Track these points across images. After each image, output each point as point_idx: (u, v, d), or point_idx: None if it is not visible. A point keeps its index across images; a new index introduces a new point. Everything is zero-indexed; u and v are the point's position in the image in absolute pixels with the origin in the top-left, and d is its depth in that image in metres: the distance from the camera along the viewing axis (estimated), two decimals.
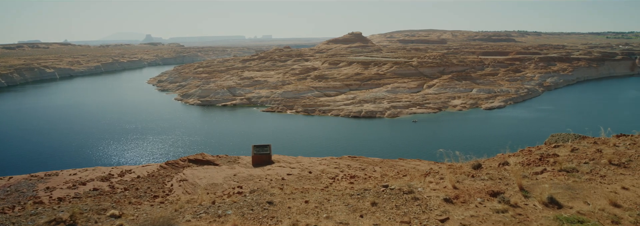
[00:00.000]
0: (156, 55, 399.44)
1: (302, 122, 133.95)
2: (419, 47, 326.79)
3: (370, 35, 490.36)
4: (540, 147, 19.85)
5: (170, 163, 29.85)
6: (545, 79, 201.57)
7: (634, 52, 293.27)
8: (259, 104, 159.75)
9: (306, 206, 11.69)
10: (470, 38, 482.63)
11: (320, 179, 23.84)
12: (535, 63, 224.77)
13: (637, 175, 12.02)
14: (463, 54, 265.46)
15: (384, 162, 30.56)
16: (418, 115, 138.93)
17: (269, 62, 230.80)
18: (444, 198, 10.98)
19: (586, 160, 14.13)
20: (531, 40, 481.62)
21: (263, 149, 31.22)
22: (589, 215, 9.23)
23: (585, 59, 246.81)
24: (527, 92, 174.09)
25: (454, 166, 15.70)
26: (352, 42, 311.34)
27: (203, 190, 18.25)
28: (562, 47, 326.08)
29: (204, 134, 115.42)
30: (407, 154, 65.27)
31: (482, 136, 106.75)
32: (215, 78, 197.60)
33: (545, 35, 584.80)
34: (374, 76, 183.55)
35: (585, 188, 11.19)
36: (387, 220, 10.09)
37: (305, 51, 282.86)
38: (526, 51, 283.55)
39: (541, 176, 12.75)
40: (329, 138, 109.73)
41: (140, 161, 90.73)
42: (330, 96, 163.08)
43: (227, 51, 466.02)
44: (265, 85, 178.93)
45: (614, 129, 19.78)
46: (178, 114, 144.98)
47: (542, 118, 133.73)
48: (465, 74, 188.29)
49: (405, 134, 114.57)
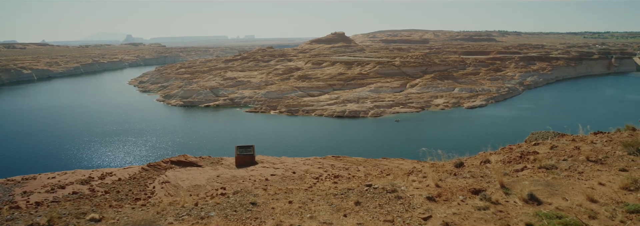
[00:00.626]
0: (137, 55, 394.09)
1: (285, 122, 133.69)
2: (402, 47, 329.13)
3: (353, 35, 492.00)
4: (520, 145, 20.19)
5: (152, 165, 29.46)
6: (526, 78, 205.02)
7: (610, 52, 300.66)
8: (242, 104, 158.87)
9: (290, 207, 11.65)
10: (452, 38, 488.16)
11: (304, 180, 23.80)
12: (515, 62, 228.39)
13: (613, 171, 12.29)
14: (445, 54, 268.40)
15: (367, 161, 30.66)
16: (401, 114, 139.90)
17: (252, 62, 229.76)
18: (427, 197, 11.05)
19: (565, 157, 14.39)
20: (511, 40, 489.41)
21: (246, 150, 31.04)
22: (567, 211, 9.40)
23: (563, 59, 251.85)
24: (508, 91, 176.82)
25: (437, 165, 15.84)
26: (335, 42, 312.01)
27: (186, 191, 18.06)
28: (542, 46, 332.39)
29: (187, 136, 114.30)
30: (390, 153, 65.62)
31: (464, 135, 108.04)
32: (198, 79, 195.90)
33: (525, 35, 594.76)
34: (357, 76, 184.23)
35: (564, 185, 11.40)
36: (370, 219, 10.11)
37: (289, 51, 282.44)
38: (507, 50, 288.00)
39: (522, 174, 12.94)
40: (313, 138, 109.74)
41: (121, 163, 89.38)
42: (314, 96, 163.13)
43: (210, 51, 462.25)
44: (248, 85, 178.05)
45: (591, 126, 20.21)
46: (160, 116, 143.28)
47: (522, 116, 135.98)
48: (448, 74, 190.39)
49: (388, 134, 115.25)
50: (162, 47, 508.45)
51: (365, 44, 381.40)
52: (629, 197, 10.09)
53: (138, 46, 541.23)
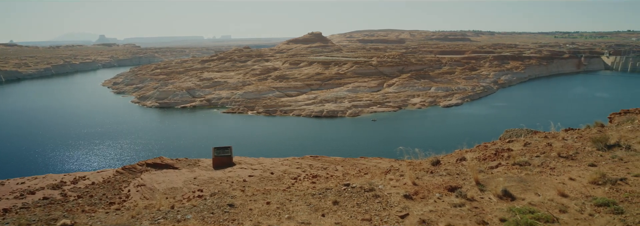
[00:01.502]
0: (111, 56, 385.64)
1: (263, 123, 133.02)
2: (378, 47, 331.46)
3: (330, 35, 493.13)
4: (495, 142, 20.56)
5: (127, 168, 28.86)
6: (500, 77, 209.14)
7: (580, 51, 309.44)
8: (219, 105, 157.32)
9: (268, 208, 11.59)
10: (427, 38, 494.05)
11: (282, 180, 23.71)
12: (489, 62, 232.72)
13: (583, 166, 12.63)
14: (421, 54, 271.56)
15: (345, 161, 30.76)
16: (379, 114, 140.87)
17: (228, 62, 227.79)
18: (404, 195, 11.15)
19: (538, 154, 14.71)
20: (485, 39, 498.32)
21: (224, 151, 30.77)
22: (539, 206, 9.63)
23: (536, 58, 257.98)
24: (483, 89, 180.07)
25: (414, 163, 15.99)
26: (312, 42, 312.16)
27: (162, 194, 17.75)
28: (515, 46, 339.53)
29: (163, 138, 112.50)
30: (368, 152, 65.98)
31: (440, 133, 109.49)
32: (174, 80, 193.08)
33: (499, 35, 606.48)
34: (335, 76, 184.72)
35: (537, 180, 11.65)
36: (348, 218, 10.14)
37: (266, 51, 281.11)
38: (481, 50, 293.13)
39: (496, 170, 13.18)
40: (291, 138, 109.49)
41: (95, 167, 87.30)
42: (292, 96, 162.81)
43: (186, 51, 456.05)
44: (225, 86, 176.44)
45: (562, 123, 20.75)
46: (135, 117, 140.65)
47: (497, 114, 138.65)
48: (424, 73, 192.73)
49: (366, 133, 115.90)
50: (137, 48, 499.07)
51: (342, 44, 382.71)
52: (597, 191, 10.39)
53: (111, 46, 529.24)
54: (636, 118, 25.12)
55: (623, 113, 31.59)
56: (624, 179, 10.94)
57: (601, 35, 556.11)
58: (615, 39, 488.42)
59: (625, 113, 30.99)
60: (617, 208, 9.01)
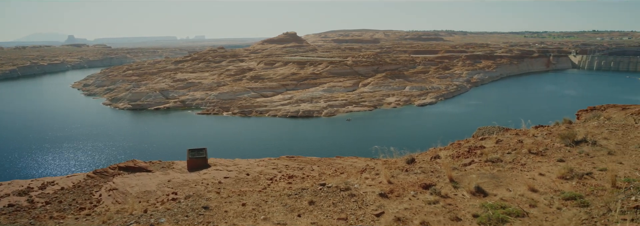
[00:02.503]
0: (80, 57, 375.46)
1: (239, 124, 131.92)
2: (353, 47, 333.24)
3: (304, 35, 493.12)
4: (468, 140, 20.91)
5: (98, 172, 28.12)
6: (472, 76, 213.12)
7: (549, 50, 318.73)
8: (193, 106, 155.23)
9: (243, 209, 11.49)
10: (401, 37, 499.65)
11: (258, 181, 23.55)
12: (462, 61, 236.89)
13: (552, 162, 12.98)
14: (395, 53, 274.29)
15: (321, 161, 30.78)
16: (354, 113, 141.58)
17: (203, 63, 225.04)
18: (380, 193, 11.21)
19: (509, 150, 15.02)
20: (458, 39, 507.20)
21: (199, 153, 30.36)
22: (510, 201, 9.84)
23: (507, 57, 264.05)
24: (456, 88, 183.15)
25: (389, 162, 16.11)
26: (287, 42, 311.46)
27: (134, 198, 17.37)
28: (487, 45, 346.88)
29: (136, 140, 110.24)
30: (344, 152, 66.19)
31: (415, 132, 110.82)
32: (147, 81, 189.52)
33: (471, 35, 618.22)
34: (310, 76, 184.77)
35: (508, 176, 11.91)
36: (324, 218, 10.14)
37: (240, 51, 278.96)
38: (454, 49, 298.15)
39: (469, 167, 13.38)
40: (267, 139, 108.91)
41: (65, 171, 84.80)
42: (267, 96, 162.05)
43: (159, 52, 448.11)
44: (199, 87, 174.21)
45: (533, 121, 21.27)
46: (107, 120, 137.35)
47: (470, 112, 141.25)
48: (398, 73, 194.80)
49: (342, 133, 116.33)
50: (108, 49, 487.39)
51: (317, 44, 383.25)
52: (565, 185, 10.70)
53: (81, 47, 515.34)
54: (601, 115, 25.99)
55: (589, 109, 32.64)
56: (590, 174, 11.31)
57: (568, 35, 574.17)
58: (582, 38, 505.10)
59: (592, 110, 32.03)
60: (583, 201, 9.30)
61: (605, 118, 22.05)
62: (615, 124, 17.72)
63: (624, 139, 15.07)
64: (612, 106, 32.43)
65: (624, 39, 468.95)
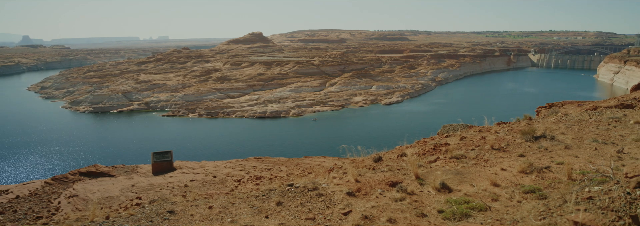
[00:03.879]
0: (37, 59, 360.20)
1: (205, 125, 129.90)
2: (320, 47, 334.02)
3: (271, 35, 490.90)
4: (433, 137, 21.26)
5: (57, 179, 26.99)
6: (437, 75, 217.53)
7: (509, 49, 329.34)
8: (158, 108, 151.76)
9: (210, 212, 11.28)
10: (367, 37, 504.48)
11: (226, 183, 23.21)
12: (427, 60, 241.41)
13: (513, 157, 13.37)
14: (362, 53, 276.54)
15: (289, 161, 30.65)
16: (322, 113, 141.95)
17: (167, 64, 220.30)
18: (347, 192, 11.23)
19: (473, 147, 15.35)
20: (422, 39, 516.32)
21: (164, 156, 29.65)
22: (473, 196, 10.07)
23: (470, 56, 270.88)
24: (422, 87, 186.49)
25: (357, 161, 16.19)
26: (253, 42, 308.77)
27: (96, 204, 16.77)
28: (450, 45, 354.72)
29: (98, 144, 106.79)
30: (312, 152, 66.31)
31: (382, 131, 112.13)
32: (109, 83, 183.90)
33: (435, 34, 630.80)
34: (277, 76, 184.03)
35: (472, 172, 12.17)
36: (292, 219, 10.08)
37: (206, 51, 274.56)
38: (419, 49, 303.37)
39: (435, 164, 13.60)
40: (234, 140, 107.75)
41: (21, 179, 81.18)
42: (234, 97, 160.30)
43: (121, 53, 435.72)
44: (164, 88, 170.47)
45: (495, 117, 21.87)
46: (67, 124, 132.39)
47: (435, 110, 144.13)
48: (365, 72, 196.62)
49: (310, 133, 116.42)
50: (66, 50, 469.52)
51: (284, 44, 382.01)
52: (525, 179, 11.05)
53: (38, 48, 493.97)
54: (559, 111, 27.00)
55: (548, 106, 33.89)
56: (548, 168, 11.72)
57: (527, 35, 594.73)
58: (540, 38, 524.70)
59: (550, 106, 33.25)
60: (541, 194, 9.64)
61: (562, 113, 22.91)
62: (571, 120, 18.42)
63: (579, 134, 15.69)
64: (569, 102, 33.78)
65: (578, 39, 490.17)
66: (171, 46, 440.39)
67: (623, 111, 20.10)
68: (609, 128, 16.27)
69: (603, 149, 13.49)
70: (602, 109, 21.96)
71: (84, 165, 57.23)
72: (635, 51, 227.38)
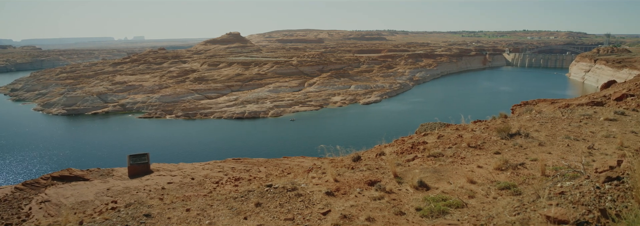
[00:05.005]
0: (6, 60, 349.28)
1: (183, 127, 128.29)
2: (298, 47, 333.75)
3: (248, 36, 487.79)
4: (411, 136, 21.48)
5: (28, 184, 26.18)
6: (415, 74, 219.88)
7: (485, 49, 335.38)
8: (134, 110, 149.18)
9: (187, 215, 11.12)
10: (345, 37, 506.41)
11: (204, 185, 22.95)
12: (405, 60, 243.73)
13: (489, 154, 13.59)
14: (340, 53, 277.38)
15: (268, 162, 30.51)
16: (301, 113, 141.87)
17: (143, 65, 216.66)
18: (326, 192, 11.23)
19: (450, 145, 15.55)
20: (400, 38, 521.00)
21: (140, 159, 29.12)
22: (451, 193, 10.21)
23: (446, 55, 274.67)
24: (400, 86, 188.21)
25: (336, 160, 16.21)
26: (230, 42, 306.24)
27: (69, 210, 16.35)
28: (427, 44, 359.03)
29: (73, 148, 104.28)
30: (292, 152, 66.15)
31: (361, 130, 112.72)
32: (83, 84, 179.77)
33: (412, 34, 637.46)
34: (256, 76, 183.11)
35: (449, 170, 12.33)
36: (271, 219, 10.02)
37: (182, 52, 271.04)
38: (396, 48, 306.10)
39: (413, 163, 13.71)
40: (213, 142, 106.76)
41: None
42: (212, 98, 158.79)
43: (95, 53, 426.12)
44: (140, 90, 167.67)
45: (472, 116, 22.21)
46: (39, 127, 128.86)
47: (413, 109, 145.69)
48: (343, 72, 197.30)
49: (289, 133, 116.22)
50: (38, 50, 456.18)
51: (262, 44, 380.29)
52: (500, 176, 11.26)
53: (7, 48, 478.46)
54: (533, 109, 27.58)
55: (523, 104, 34.59)
56: (522, 164, 11.97)
57: (502, 34, 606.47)
58: (514, 37, 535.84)
59: (525, 105, 33.96)
60: (516, 190, 9.84)
61: (536, 111, 23.41)
62: (545, 117, 18.84)
63: (552, 131, 16.06)
64: (543, 100, 34.56)
65: (550, 38, 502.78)
66: (147, 47, 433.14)
67: (593, 109, 20.67)
68: (580, 125, 16.70)
69: (575, 145, 13.84)
70: (573, 107, 22.55)
71: (57, 169, 55.73)
72: (605, 50, 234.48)
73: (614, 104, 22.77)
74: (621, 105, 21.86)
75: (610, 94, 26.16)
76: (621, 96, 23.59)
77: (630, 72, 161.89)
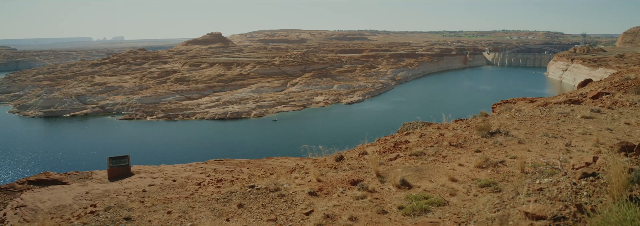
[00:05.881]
0: None
1: (164, 128, 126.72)
2: (280, 47, 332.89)
3: (230, 36, 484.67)
4: (394, 135, 21.59)
5: (2, 188, 25.50)
6: (397, 74, 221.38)
7: (465, 48, 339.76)
8: (114, 112, 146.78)
9: (169, 217, 10.97)
10: (327, 37, 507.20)
11: (186, 187, 22.69)
12: (387, 59, 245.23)
13: (470, 153, 13.75)
14: (322, 53, 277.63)
15: (251, 162, 30.34)
16: (284, 113, 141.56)
17: (123, 65, 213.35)
18: (309, 192, 11.21)
19: (432, 144, 15.67)
20: (382, 38, 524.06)
21: (120, 161, 28.66)
22: (432, 191, 10.30)
23: (428, 55, 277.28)
24: (382, 86, 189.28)
25: (319, 160, 16.19)
26: (212, 42, 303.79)
27: (46, 214, 15.96)
28: (409, 44, 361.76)
29: (50, 151, 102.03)
30: (274, 152, 65.97)
31: (344, 130, 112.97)
32: (61, 85, 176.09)
33: (394, 34, 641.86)
34: (238, 77, 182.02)
35: (431, 168, 12.43)
36: (253, 221, 9.96)
37: (163, 52, 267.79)
38: (378, 48, 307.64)
39: (395, 162, 13.78)
40: (195, 143, 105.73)
41: None
42: (193, 99, 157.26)
43: (73, 54, 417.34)
44: (120, 91, 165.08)
45: (453, 115, 22.43)
46: (15, 129, 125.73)
47: (395, 109, 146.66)
48: (326, 72, 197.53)
49: (272, 133, 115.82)
50: (13, 51, 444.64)
51: (244, 45, 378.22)
52: (481, 174, 11.40)
53: None
54: (513, 107, 28.01)
55: (503, 103, 35.12)
56: (502, 162, 12.15)
57: (482, 34, 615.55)
58: (493, 37, 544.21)
59: (505, 103, 34.49)
60: (496, 187, 9.97)
61: (516, 110, 23.78)
62: (524, 116, 19.15)
63: (531, 129, 16.33)
64: (522, 99, 35.15)
65: (529, 38, 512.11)
66: (127, 47, 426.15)
67: (571, 107, 21.09)
68: (558, 123, 17.01)
69: (553, 143, 14.10)
70: (552, 105, 22.96)
71: (34, 173, 54.43)
72: (581, 50, 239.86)
73: (591, 102, 23.28)
74: (597, 103, 22.37)
75: (587, 92, 26.75)
76: (597, 95, 24.14)
77: (606, 71, 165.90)
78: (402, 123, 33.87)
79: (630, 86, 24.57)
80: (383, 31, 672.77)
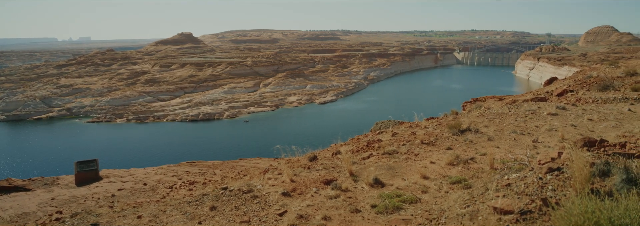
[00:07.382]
0: None
1: (134, 131, 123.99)
2: (252, 47, 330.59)
3: (201, 36, 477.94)
4: (367, 135, 21.70)
5: None
6: (369, 73, 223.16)
7: (436, 48, 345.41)
8: (82, 114, 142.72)
9: (139, 222, 10.71)
10: (300, 37, 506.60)
11: (157, 190, 22.22)
12: (359, 59, 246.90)
13: (441, 150, 13.96)
14: (295, 53, 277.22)
15: (224, 164, 29.97)
16: (257, 114, 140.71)
17: (90, 67, 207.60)
18: (282, 193, 11.15)
19: (404, 142, 15.82)
20: (354, 38, 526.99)
21: (88, 165, 27.81)
22: (405, 189, 10.41)
23: (399, 55, 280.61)
24: (355, 86, 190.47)
25: (292, 161, 16.11)
26: (182, 43, 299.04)
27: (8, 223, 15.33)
28: (380, 44, 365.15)
29: (13, 156, 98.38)
30: (248, 153, 65.44)
31: (317, 130, 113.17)
32: (24, 88, 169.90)
33: (365, 34, 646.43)
34: (210, 77, 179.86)
35: (403, 166, 12.55)
36: (227, 223, 9.83)
37: (132, 53, 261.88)
38: (351, 48, 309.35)
39: (368, 161, 13.85)
40: (166, 145, 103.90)
41: None
42: (164, 100, 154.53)
43: (37, 55, 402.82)
44: (88, 93, 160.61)
45: (425, 113, 22.76)
46: None
47: (368, 108, 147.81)
48: (299, 72, 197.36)
49: (245, 134, 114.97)
50: None
51: (215, 45, 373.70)
52: (452, 171, 11.59)
53: None
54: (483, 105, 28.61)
55: (473, 101, 35.84)
56: (473, 159, 12.38)
57: (452, 34, 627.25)
58: (463, 37, 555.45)
59: (475, 101, 35.19)
60: (466, 183, 10.16)
61: (485, 108, 24.29)
62: (493, 113, 19.56)
63: (500, 126, 16.70)
64: (491, 97, 35.96)
65: (497, 38, 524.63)
66: (94, 48, 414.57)
67: (537, 104, 21.67)
68: (526, 120, 17.46)
69: (521, 139, 14.46)
70: (519, 103, 23.56)
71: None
72: (547, 49, 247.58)
73: (556, 99, 24.00)
74: (562, 100, 23.08)
75: (553, 90, 27.58)
76: (562, 92, 24.91)
77: (570, 69, 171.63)
78: (375, 122, 34.14)
79: (592, 84, 25.46)
80: (355, 31, 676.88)
